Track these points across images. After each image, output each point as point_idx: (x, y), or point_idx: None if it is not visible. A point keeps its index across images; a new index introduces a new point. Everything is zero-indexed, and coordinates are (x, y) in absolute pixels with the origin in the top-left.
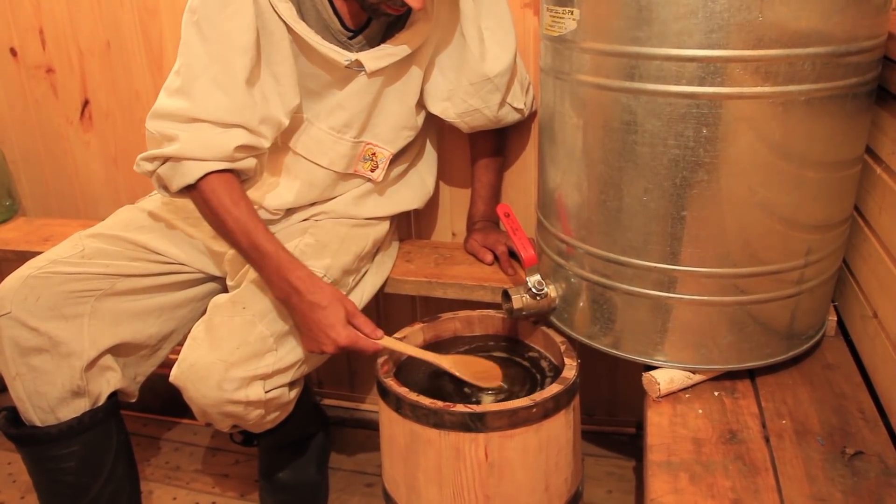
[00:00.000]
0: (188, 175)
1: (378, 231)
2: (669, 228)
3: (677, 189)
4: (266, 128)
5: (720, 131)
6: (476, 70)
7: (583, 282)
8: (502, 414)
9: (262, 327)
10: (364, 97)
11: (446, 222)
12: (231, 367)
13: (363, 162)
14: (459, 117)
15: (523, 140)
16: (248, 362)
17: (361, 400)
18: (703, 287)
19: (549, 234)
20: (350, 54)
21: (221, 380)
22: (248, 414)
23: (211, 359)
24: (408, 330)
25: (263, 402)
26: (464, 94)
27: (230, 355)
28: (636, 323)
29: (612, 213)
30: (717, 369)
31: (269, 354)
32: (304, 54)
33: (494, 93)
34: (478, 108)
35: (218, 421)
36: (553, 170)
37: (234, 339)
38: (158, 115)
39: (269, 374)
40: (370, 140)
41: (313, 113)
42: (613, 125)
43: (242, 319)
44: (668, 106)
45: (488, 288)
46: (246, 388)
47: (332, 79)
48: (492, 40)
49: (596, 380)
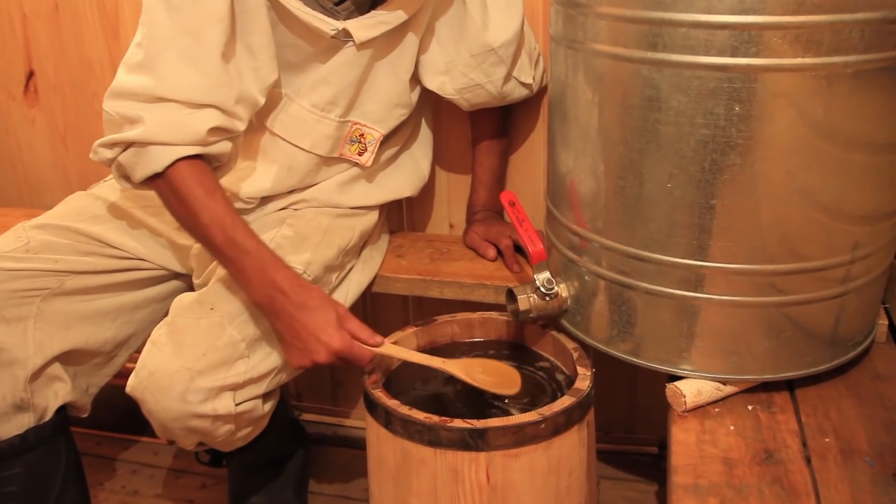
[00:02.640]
0: (155, 162)
1: (365, 222)
2: (697, 219)
3: (706, 174)
4: (242, 108)
5: (755, 109)
6: (477, 40)
7: (598, 280)
8: (506, 430)
9: (233, 331)
10: (352, 70)
11: (443, 212)
12: (196, 375)
13: (350, 144)
14: (459, 93)
15: (531, 119)
16: (217, 370)
17: (346, 414)
18: (734, 286)
19: (559, 226)
20: (337, 23)
21: (185, 390)
22: (215, 429)
23: (173, 366)
24: (399, 334)
25: (233, 415)
26: (464, 66)
27: (196, 362)
28: (659, 327)
29: (632, 201)
30: (751, 380)
31: (240, 362)
32: (283, 23)
33: (498, 66)
34: (479, 83)
35: (181, 437)
36: (565, 153)
37: (200, 343)
38: (118, 93)
39: (239, 383)
40: (358, 119)
41: (293, 88)
42: (634, 101)
43: (210, 322)
44: (695, 80)
45: (490, 287)
46: (213, 399)
47: (316, 50)
48: (496, 5)
49: (613, 392)
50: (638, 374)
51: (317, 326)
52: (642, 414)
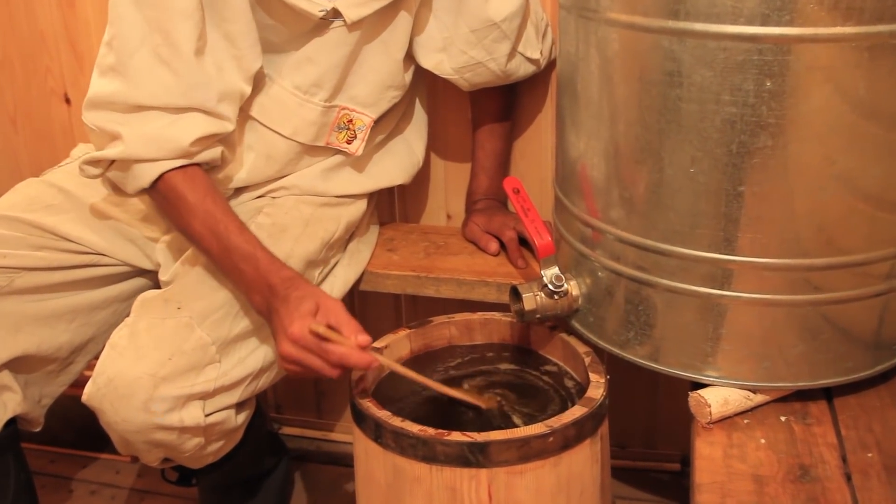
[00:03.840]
0: (140, 179)
1: (352, 212)
2: (723, 208)
3: (733, 158)
4: (227, 105)
5: (788, 84)
6: (477, 14)
7: (613, 276)
8: (510, 444)
9: (202, 332)
10: (339, 50)
11: (439, 201)
12: (161, 382)
13: (337, 132)
14: (458, 73)
15: (538, 97)
16: (184, 377)
17: (331, 427)
18: (765, 283)
19: (569, 216)
20: (324, 2)
21: (148, 399)
22: (183, 443)
23: (135, 372)
24: (391, 337)
25: (203, 427)
26: (463, 43)
27: (160, 368)
28: (681, 328)
29: (651, 188)
30: (784, 387)
31: (210, 367)
32: (261, 5)
33: (502, 41)
34: (481, 60)
35: (144, 453)
36: (575, 134)
37: (164, 347)
38: (94, 103)
39: (209, 392)
40: (346, 104)
41: (274, 68)
42: (652, 77)
43: (176, 322)
44: (721, 52)
45: (493, 284)
46: (180, 409)
47: (300, 30)
48: None
49: (630, 401)
50: (658, 382)
51: (286, 315)
52: (662, 426)
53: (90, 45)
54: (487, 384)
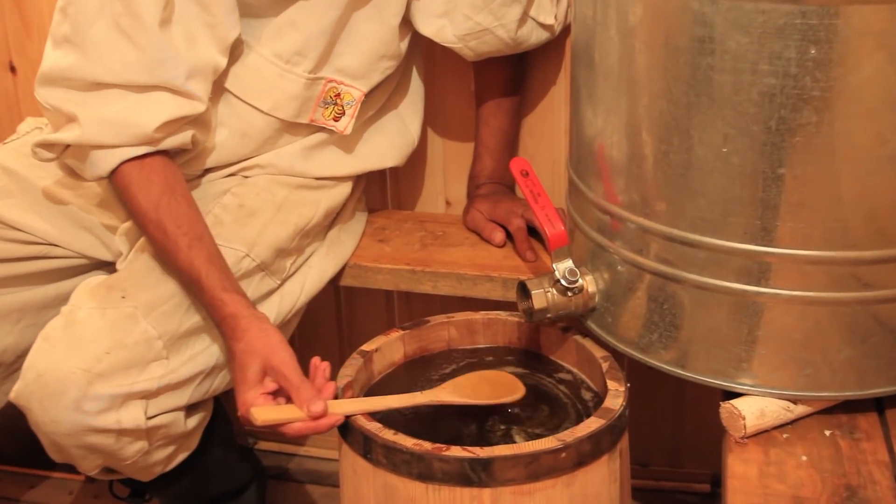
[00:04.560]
0: (98, 167)
1: (334, 196)
2: (760, 193)
3: (772, 136)
4: (197, 82)
5: (835, 52)
6: None
7: (634, 270)
8: (517, 460)
9: (148, 325)
10: (327, 14)
11: (437, 185)
12: (96, 378)
13: (323, 107)
14: (462, 41)
15: (549, 67)
16: (123, 374)
17: (313, 441)
18: (807, 278)
19: (585, 202)
20: None
21: (81, 397)
22: (122, 448)
23: (68, 366)
24: (381, 340)
25: (144, 430)
26: (468, 7)
27: (96, 362)
28: (711, 330)
29: (678, 170)
30: (828, 397)
31: (156, 364)
32: None
33: (512, 5)
34: (488, 27)
35: (79, 459)
36: (592, 110)
37: (103, 339)
38: (48, 78)
39: (153, 391)
40: (333, 76)
41: (251, 33)
42: (680, 43)
43: (118, 313)
44: (759, 15)
45: (498, 280)
46: (117, 409)
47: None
48: None
49: (653, 413)
50: (685, 391)
51: (233, 377)
52: (690, 441)
53: (39, 8)
54: None
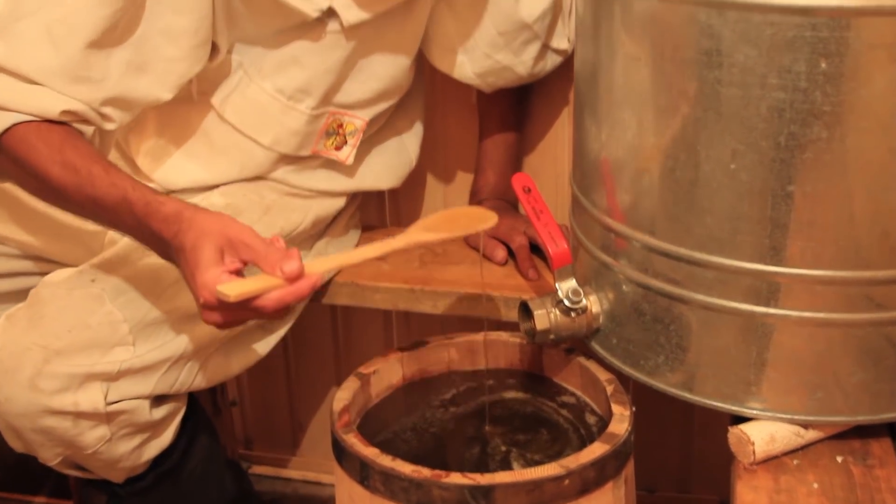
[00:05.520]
0: None
1: (325, 206)
2: (769, 211)
3: (781, 152)
4: (116, 110)
5: (847, 65)
6: (508, 15)
7: (640, 290)
8: (518, 488)
9: (115, 308)
10: (333, 54)
11: (436, 200)
12: (54, 356)
13: (325, 137)
14: (480, 77)
15: (553, 80)
16: (83, 353)
17: (309, 466)
18: (819, 299)
19: (589, 219)
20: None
21: (36, 374)
22: (81, 434)
23: (26, 342)
24: (380, 362)
25: (104, 414)
26: (488, 46)
27: (55, 339)
28: (719, 352)
29: (685, 187)
30: (840, 422)
31: (120, 349)
32: None
33: (532, 42)
34: (508, 65)
35: (38, 446)
36: (595, 124)
37: (65, 318)
38: None
39: (113, 374)
40: (337, 108)
41: (251, 62)
42: (687, 56)
43: (85, 293)
44: (768, 27)
45: (499, 299)
46: (75, 390)
47: (287, 24)
48: None
49: (660, 438)
50: (693, 415)
51: (189, 277)
52: (698, 466)
53: None
54: (492, 417)
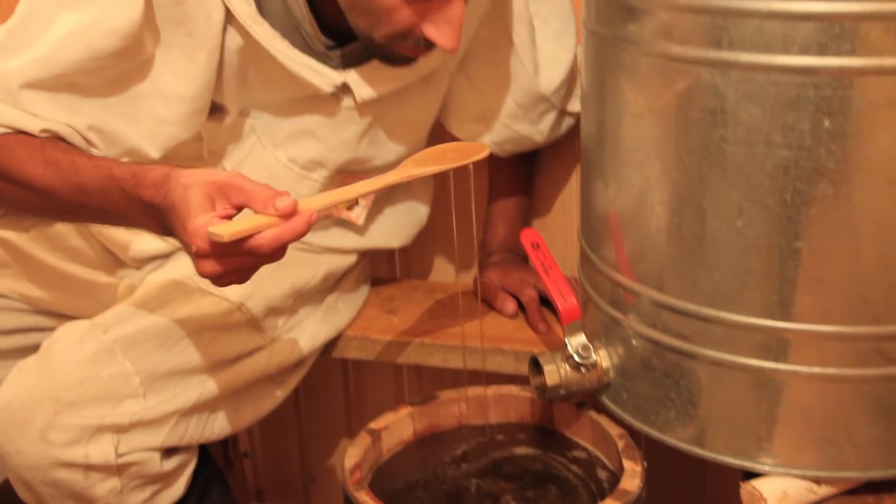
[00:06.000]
0: None
1: (336, 262)
2: (777, 267)
3: (787, 208)
4: (99, 139)
5: (851, 123)
6: (528, 88)
7: (649, 345)
8: None
9: (126, 360)
10: (349, 128)
11: (447, 252)
12: (65, 408)
13: None
14: (498, 145)
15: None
16: (94, 405)
17: None
18: (829, 354)
19: (597, 274)
20: (335, 75)
21: (47, 426)
22: (92, 486)
23: (37, 394)
24: (390, 417)
25: (115, 467)
26: (507, 118)
27: (67, 392)
28: (730, 408)
29: (692, 243)
30: (853, 478)
31: (131, 401)
32: (254, 65)
33: (549, 112)
34: (525, 134)
35: (48, 498)
36: (602, 180)
37: (77, 370)
38: None
39: (124, 425)
40: (350, 173)
41: (264, 128)
42: (692, 114)
43: (97, 346)
44: (771, 86)
45: (509, 353)
46: (86, 442)
47: (300, 96)
48: (545, 34)
49: (673, 492)
50: (704, 471)
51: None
52: None
53: None
54: (502, 474)
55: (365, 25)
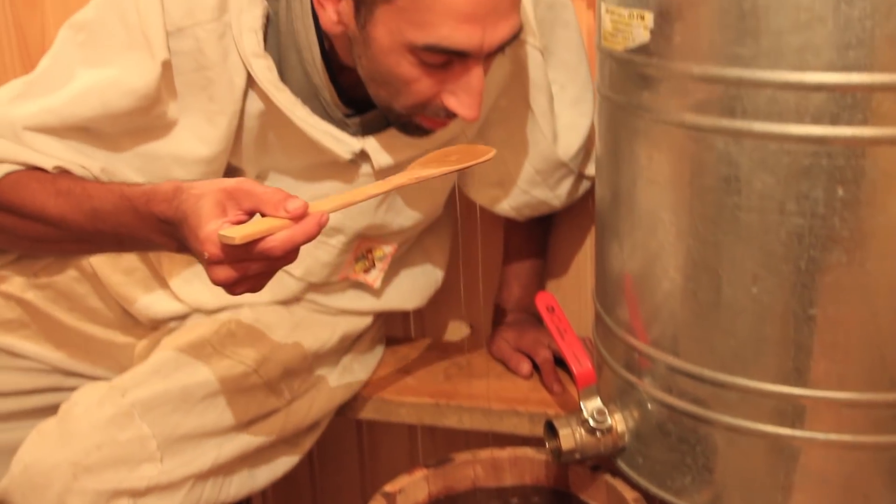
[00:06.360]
0: None
1: (353, 323)
2: (792, 333)
3: (802, 276)
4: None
5: (864, 191)
6: (546, 155)
7: (664, 410)
8: None
9: (144, 424)
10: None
11: (461, 311)
12: (83, 473)
13: (354, 262)
14: (516, 210)
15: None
16: (112, 469)
17: None
18: (845, 421)
19: (612, 337)
20: (354, 142)
21: (65, 491)
22: None
23: (55, 459)
24: (405, 480)
25: None
26: (526, 183)
27: (85, 456)
28: (746, 474)
29: (707, 309)
30: None
31: (148, 465)
32: (274, 130)
33: (567, 177)
34: (544, 199)
35: None
36: (617, 244)
37: (95, 434)
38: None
39: (141, 490)
40: (368, 238)
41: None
42: (706, 182)
43: (115, 409)
44: (785, 155)
45: (524, 415)
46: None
47: (319, 162)
48: (563, 101)
49: None
50: None
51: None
52: None
53: None
54: None
55: (385, 96)
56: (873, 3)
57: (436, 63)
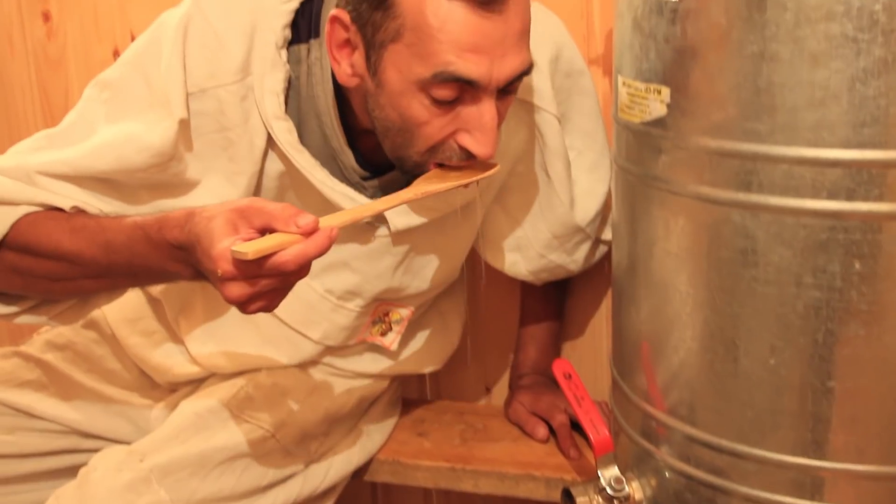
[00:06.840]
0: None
1: (369, 388)
2: (810, 405)
3: (819, 348)
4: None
5: (881, 265)
6: (563, 220)
7: (682, 479)
8: None
9: (162, 490)
10: (384, 259)
11: (477, 373)
12: None
13: (371, 325)
14: (533, 274)
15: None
16: None
17: None
18: (865, 494)
19: (629, 405)
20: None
21: None
22: None
23: None
24: None
25: None
26: (543, 248)
27: None
28: None
29: (724, 379)
30: None
31: None
32: (292, 190)
33: (584, 242)
34: (561, 263)
35: None
36: (635, 312)
37: (113, 500)
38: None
39: None
40: (385, 301)
41: None
42: (723, 254)
43: (134, 476)
44: (801, 229)
45: (541, 479)
46: None
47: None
48: (581, 167)
49: None
50: None
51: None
52: None
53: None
54: None
55: (400, 144)
56: (888, 83)
57: (447, 99)
